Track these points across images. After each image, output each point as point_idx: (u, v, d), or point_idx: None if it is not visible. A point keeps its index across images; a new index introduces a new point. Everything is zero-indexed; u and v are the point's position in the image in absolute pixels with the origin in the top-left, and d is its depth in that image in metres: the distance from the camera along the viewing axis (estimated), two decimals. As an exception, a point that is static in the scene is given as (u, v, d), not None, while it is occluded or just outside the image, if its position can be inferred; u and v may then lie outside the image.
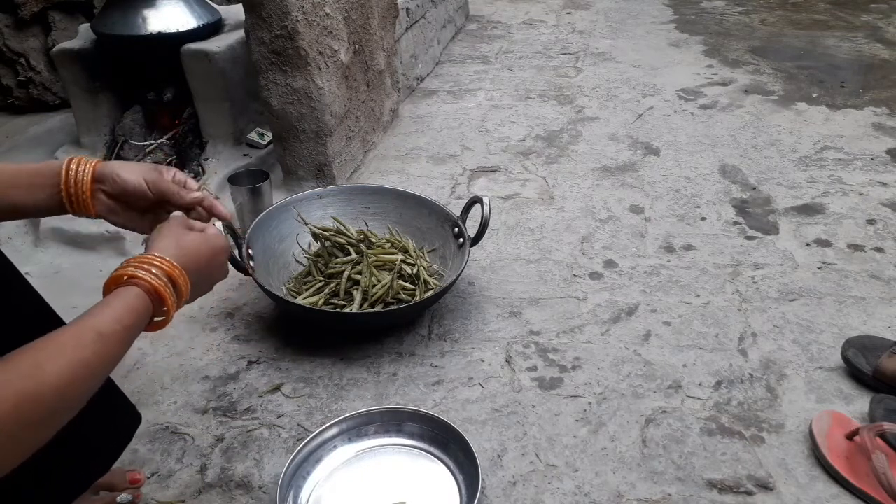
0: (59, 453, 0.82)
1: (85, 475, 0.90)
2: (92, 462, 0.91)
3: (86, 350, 0.66)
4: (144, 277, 0.75)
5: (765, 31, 3.30)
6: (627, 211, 1.85)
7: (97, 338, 0.67)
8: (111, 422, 0.95)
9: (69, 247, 1.72)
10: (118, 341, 0.70)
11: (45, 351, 0.63)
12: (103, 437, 0.93)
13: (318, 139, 1.84)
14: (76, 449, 0.86)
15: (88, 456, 0.90)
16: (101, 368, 0.68)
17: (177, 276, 0.78)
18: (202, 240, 0.86)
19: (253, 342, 1.42)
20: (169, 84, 1.98)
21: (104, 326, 0.69)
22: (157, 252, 0.79)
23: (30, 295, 0.87)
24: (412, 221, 1.61)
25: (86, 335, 0.67)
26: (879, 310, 1.46)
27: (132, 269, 0.76)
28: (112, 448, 0.95)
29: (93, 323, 0.68)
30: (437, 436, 1.14)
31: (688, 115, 2.41)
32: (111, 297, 0.73)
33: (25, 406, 0.59)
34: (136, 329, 0.74)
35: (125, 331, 0.71)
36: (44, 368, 0.61)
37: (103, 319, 0.69)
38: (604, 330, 1.42)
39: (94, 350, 0.66)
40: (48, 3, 2.55)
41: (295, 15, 1.66)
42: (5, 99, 2.67)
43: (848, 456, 1.09)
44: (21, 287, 0.86)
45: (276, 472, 1.11)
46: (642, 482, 1.09)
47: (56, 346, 0.64)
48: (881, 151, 2.13)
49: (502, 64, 2.95)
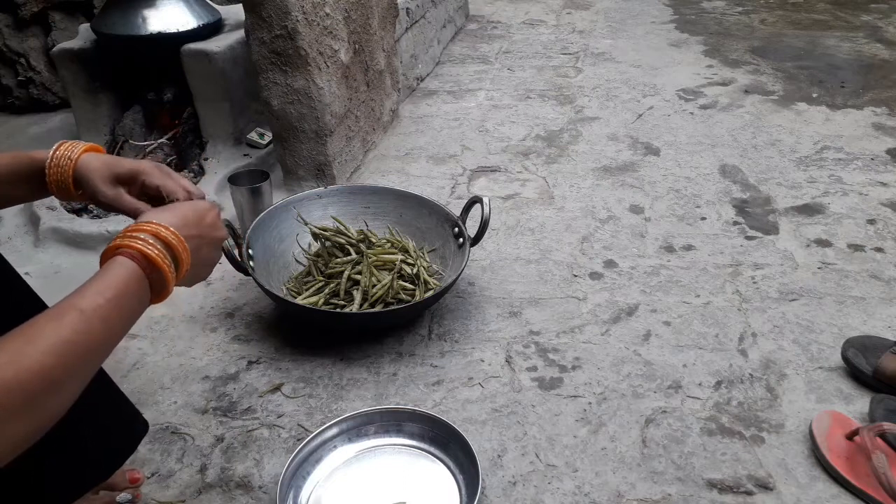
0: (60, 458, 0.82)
1: (87, 479, 0.90)
2: (95, 467, 0.90)
3: (66, 328, 0.62)
4: (131, 244, 0.71)
5: (765, 31, 3.30)
6: (627, 211, 1.85)
7: (78, 315, 0.63)
8: (117, 428, 0.95)
9: (69, 247, 1.72)
10: (102, 316, 0.65)
11: (24, 336, 0.60)
12: (108, 443, 0.92)
13: (318, 139, 1.84)
14: (80, 453, 0.86)
15: (92, 461, 0.89)
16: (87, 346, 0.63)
17: (171, 239, 0.74)
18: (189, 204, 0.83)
19: (253, 342, 1.42)
20: (169, 84, 1.98)
21: (85, 302, 0.65)
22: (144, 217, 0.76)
23: (29, 298, 0.86)
24: (412, 221, 1.61)
25: (66, 314, 0.63)
26: (879, 310, 1.46)
27: (120, 238, 0.72)
28: (117, 454, 0.94)
29: (73, 300, 0.65)
30: (437, 436, 1.14)
31: (688, 115, 2.41)
32: (97, 273, 0.69)
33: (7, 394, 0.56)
34: (125, 300, 0.68)
35: (109, 303, 0.66)
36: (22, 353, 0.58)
37: (84, 295, 0.65)
38: (604, 330, 1.42)
39: (75, 328, 0.62)
40: (48, 3, 2.55)
41: (295, 15, 1.66)
42: (5, 99, 2.67)
43: (848, 456, 1.09)
44: (20, 289, 0.86)
45: (276, 472, 1.11)
46: (642, 482, 1.09)
47: (34, 329, 0.61)
48: (881, 151, 2.13)
49: (502, 64, 2.95)
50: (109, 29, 1.89)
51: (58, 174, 0.86)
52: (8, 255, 0.84)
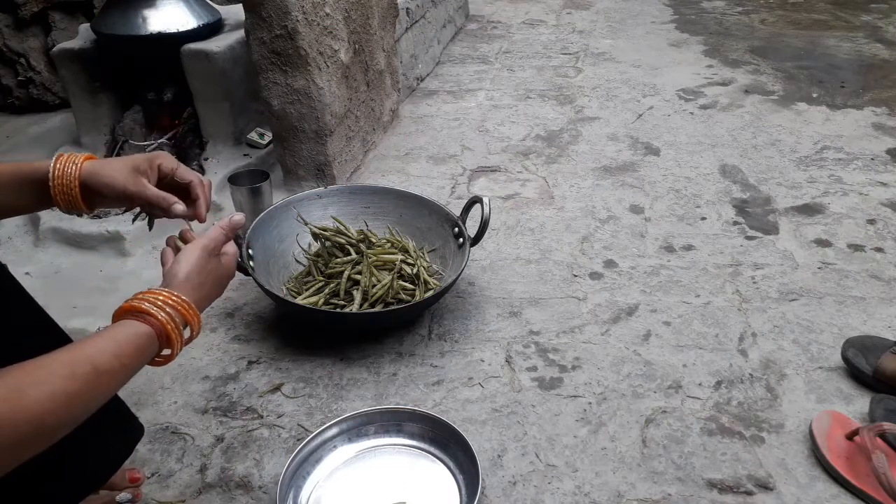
0: (58, 461, 0.82)
1: (83, 486, 0.90)
2: (90, 473, 0.90)
3: (76, 382, 0.61)
4: (157, 316, 0.71)
5: (765, 31, 3.30)
6: (627, 211, 1.85)
7: (91, 371, 0.63)
8: (112, 434, 0.94)
9: (69, 247, 1.72)
10: (113, 378, 0.66)
11: (31, 376, 0.59)
12: (103, 448, 0.92)
13: (318, 139, 1.84)
14: (76, 458, 0.85)
15: (88, 465, 0.89)
16: (88, 402, 0.64)
17: (192, 318, 0.75)
18: (221, 270, 0.85)
19: (253, 342, 1.42)
20: (169, 84, 1.98)
21: (102, 361, 0.64)
22: (175, 289, 0.76)
23: (27, 304, 0.86)
24: (412, 221, 1.61)
25: (80, 366, 0.63)
26: (879, 310, 1.46)
27: (147, 304, 0.72)
28: (112, 459, 0.94)
29: (91, 354, 0.64)
30: (437, 436, 1.14)
31: (688, 115, 2.41)
32: (117, 329, 0.69)
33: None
34: (136, 367, 0.70)
35: (123, 368, 0.67)
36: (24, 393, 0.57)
37: (103, 353, 0.65)
38: (604, 330, 1.42)
39: (86, 383, 0.62)
40: (48, 3, 2.55)
41: (295, 15, 1.66)
42: (5, 99, 2.67)
43: (848, 456, 1.09)
44: (18, 296, 0.85)
45: (276, 472, 1.11)
46: (642, 482, 1.09)
47: (44, 372, 0.60)
48: (881, 151, 2.13)
49: (502, 64, 2.95)
50: (109, 29, 1.89)
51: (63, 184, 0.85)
52: (8, 255, 0.84)
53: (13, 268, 0.87)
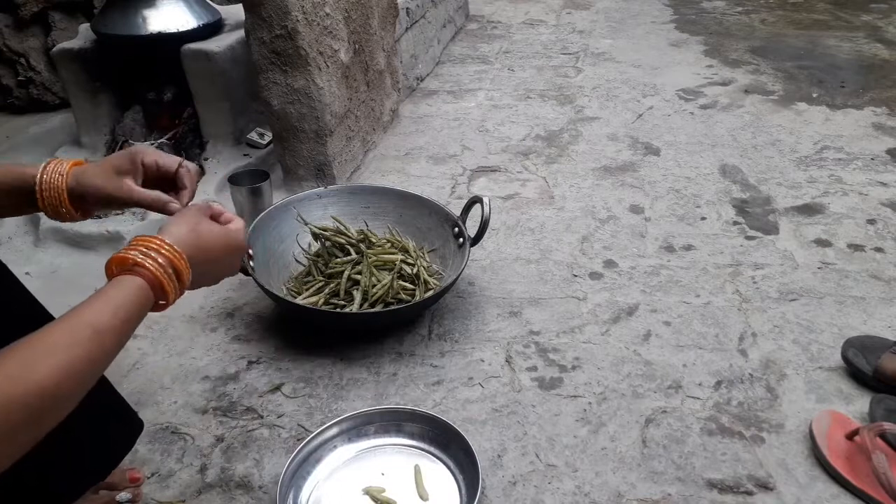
0: (58, 458, 0.82)
1: (84, 480, 0.90)
2: (91, 468, 0.90)
3: (79, 348, 0.61)
4: (149, 266, 0.71)
5: (765, 31, 3.30)
6: (627, 211, 1.85)
7: (92, 335, 0.62)
8: (112, 429, 0.95)
9: (69, 247, 1.72)
10: (115, 337, 0.65)
11: (34, 350, 0.59)
12: (104, 443, 0.92)
13: (318, 139, 1.84)
14: (76, 454, 0.85)
15: (88, 462, 0.89)
16: (95, 366, 0.63)
17: (181, 267, 0.74)
18: (222, 233, 0.82)
19: (253, 342, 1.41)
20: (169, 84, 1.97)
21: (101, 322, 0.64)
22: (167, 237, 0.74)
23: (22, 295, 0.86)
24: (412, 221, 1.61)
25: (80, 332, 0.62)
26: (879, 310, 1.46)
27: (138, 253, 0.71)
28: (112, 455, 0.94)
29: (89, 317, 0.64)
30: (437, 436, 1.14)
31: (688, 115, 2.41)
32: (109, 288, 0.68)
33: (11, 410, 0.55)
34: (135, 322, 0.69)
35: (123, 325, 0.66)
36: (33, 369, 0.57)
37: (100, 314, 0.65)
38: (604, 330, 1.42)
39: (89, 348, 0.62)
40: (48, 3, 2.55)
41: (295, 15, 1.66)
42: (5, 99, 2.67)
43: (848, 456, 1.09)
44: (13, 286, 0.85)
45: (276, 472, 1.11)
46: (642, 482, 1.09)
47: (47, 344, 0.60)
48: (881, 151, 2.13)
49: (502, 64, 2.95)
50: (109, 29, 1.89)
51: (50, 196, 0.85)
52: (8, 255, 0.84)
53: (13, 268, 0.87)
